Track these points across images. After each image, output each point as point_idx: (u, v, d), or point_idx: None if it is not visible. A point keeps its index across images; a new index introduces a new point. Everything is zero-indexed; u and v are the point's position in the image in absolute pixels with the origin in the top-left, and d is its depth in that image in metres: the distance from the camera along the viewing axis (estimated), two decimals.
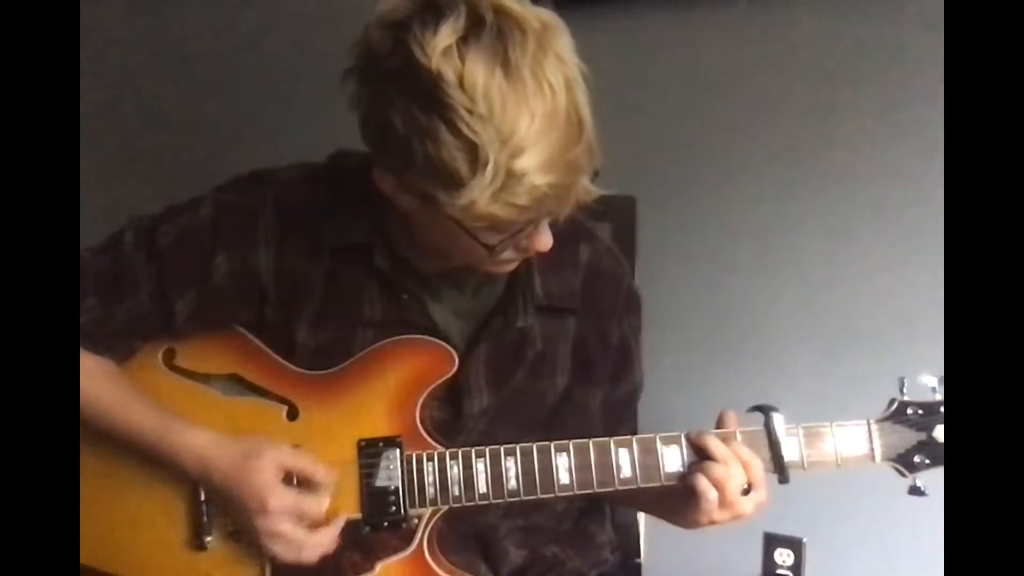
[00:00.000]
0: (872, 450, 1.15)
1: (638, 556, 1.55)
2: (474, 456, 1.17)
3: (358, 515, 1.18)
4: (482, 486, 1.16)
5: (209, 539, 1.21)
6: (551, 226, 1.10)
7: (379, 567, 1.19)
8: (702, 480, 1.12)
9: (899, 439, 1.14)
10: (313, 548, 1.15)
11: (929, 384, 1.13)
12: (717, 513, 1.13)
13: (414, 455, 1.18)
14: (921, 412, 1.14)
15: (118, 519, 1.24)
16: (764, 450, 1.15)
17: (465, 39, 0.97)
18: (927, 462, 1.13)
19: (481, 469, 1.16)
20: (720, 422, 1.18)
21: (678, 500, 1.16)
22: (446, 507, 1.18)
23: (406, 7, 1.00)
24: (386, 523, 1.18)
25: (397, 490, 1.18)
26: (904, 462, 1.14)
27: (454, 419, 1.23)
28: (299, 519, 1.15)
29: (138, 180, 2.33)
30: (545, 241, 1.11)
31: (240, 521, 1.18)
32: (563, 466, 1.16)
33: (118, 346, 1.24)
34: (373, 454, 1.19)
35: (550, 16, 1.02)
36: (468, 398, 1.22)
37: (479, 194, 0.99)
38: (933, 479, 1.12)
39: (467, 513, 1.21)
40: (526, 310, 1.23)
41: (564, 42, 1.02)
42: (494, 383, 1.23)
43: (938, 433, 1.13)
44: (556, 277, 1.24)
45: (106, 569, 1.24)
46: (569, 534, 1.36)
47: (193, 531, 1.22)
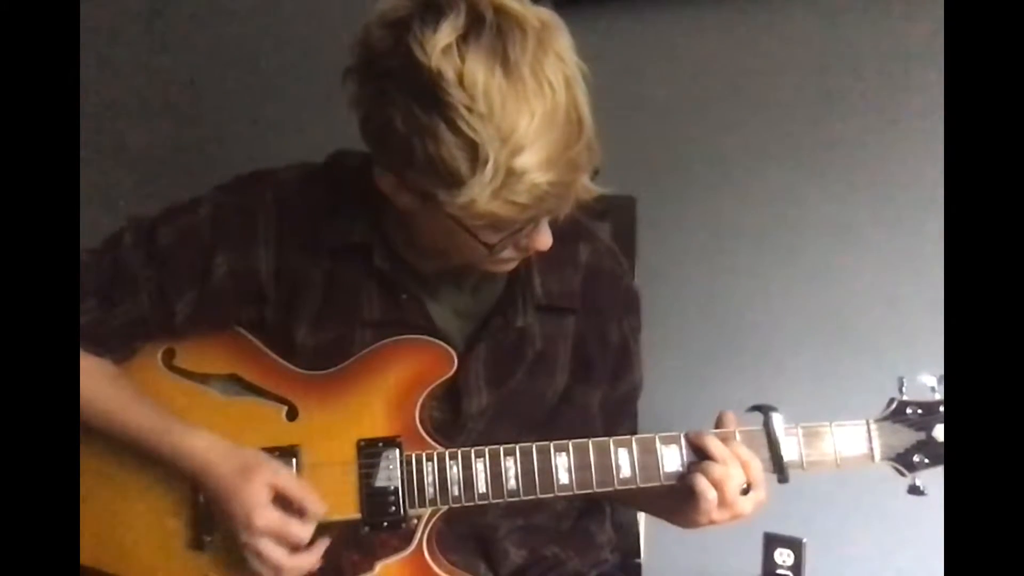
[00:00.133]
0: (871, 450, 1.15)
1: (638, 556, 1.54)
2: (473, 456, 1.16)
3: (357, 515, 1.18)
4: (481, 486, 1.16)
5: (209, 539, 1.21)
6: (551, 225, 1.10)
7: (379, 567, 1.18)
8: (701, 480, 1.12)
9: (898, 439, 1.14)
10: (290, 571, 1.15)
11: (928, 384, 1.14)
12: (716, 513, 1.13)
13: (413, 455, 1.18)
14: (920, 412, 1.14)
15: (118, 519, 1.24)
16: (763, 450, 1.15)
17: (465, 38, 0.97)
18: (926, 461, 1.13)
19: (480, 469, 1.16)
20: (719, 422, 1.18)
21: (677, 500, 1.16)
22: (446, 507, 1.17)
23: (406, 6, 1.00)
24: (385, 523, 1.18)
25: (397, 490, 1.17)
26: (903, 462, 1.14)
27: (453, 419, 1.23)
28: (282, 541, 1.15)
29: (137, 180, 2.33)
30: (545, 240, 1.11)
31: (228, 530, 1.18)
32: (562, 466, 1.16)
33: (118, 347, 1.24)
34: (372, 454, 1.18)
35: (549, 15, 1.02)
36: (467, 398, 1.22)
37: (479, 192, 0.99)
38: (932, 479, 1.12)
39: (467, 513, 1.21)
40: (525, 310, 1.23)
41: (564, 41, 1.02)
42: (493, 383, 1.23)
43: (937, 432, 1.13)
44: (556, 276, 1.24)
45: (106, 569, 1.24)
46: (569, 534, 1.36)
47: (193, 531, 1.22)
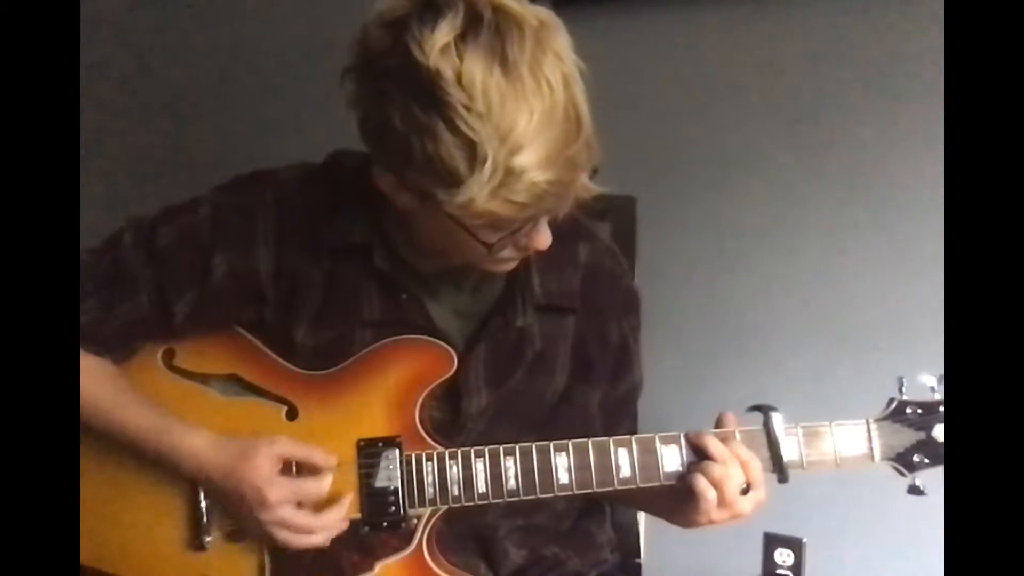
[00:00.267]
0: (871, 449, 1.15)
1: (638, 556, 1.54)
2: (473, 456, 1.16)
3: (357, 515, 1.18)
4: (481, 486, 1.16)
5: (208, 539, 1.21)
6: (550, 225, 1.10)
7: (378, 567, 1.19)
8: (701, 480, 1.12)
9: (898, 438, 1.14)
10: (321, 530, 1.15)
11: (928, 383, 1.13)
12: (716, 513, 1.13)
13: (413, 455, 1.18)
14: (920, 411, 1.14)
15: (118, 519, 1.24)
16: (763, 450, 1.14)
17: (463, 37, 0.97)
18: (926, 461, 1.13)
19: (480, 469, 1.16)
20: (719, 423, 1.18)
21: (677, 500, 1.16)
22: (445, 507, 1.18)
23: (404, 5, 1.00)
24: (385, 523, 1.18)
25: (396, 490, 1.17)
26: (903, 461, 1.14)
27: (453, 419, 1.23)
28: (301, 504, 1.15)
29: (137, 180, 2.33)
30: (544, 239, 1.11)
31: (242, 518, 1.17)
32: (562, 466, 1.16)
33: (117, 347, 1.24)
34: (372, 454, 1.18)
35: (548, 14, 1.02)
36: (467, 398, 1.22)
37: (478, 191, 0.99)
38: (932, 478, 1.12)
39: (467, 513, 1.21)
40: (525, 309, 1.22)
41: (562, 40, 1.02)
42: (493, 383, 1.23)
43: (937, 432, 1.13)
44: (555, 276, 1.24)
45: (106, 569, 1.24)
46: (569, 534, 1.36)
47: (192, 531, 1.22)
